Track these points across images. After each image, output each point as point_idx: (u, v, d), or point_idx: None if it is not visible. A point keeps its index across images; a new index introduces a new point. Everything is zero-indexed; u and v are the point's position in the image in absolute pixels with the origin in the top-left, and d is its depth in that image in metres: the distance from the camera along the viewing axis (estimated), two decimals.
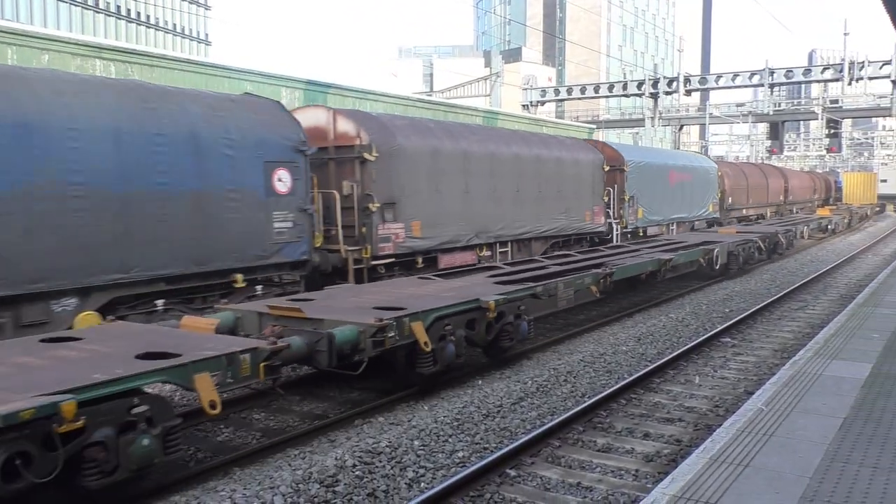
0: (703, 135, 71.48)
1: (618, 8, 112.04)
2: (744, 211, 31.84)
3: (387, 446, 6.69)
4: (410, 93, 39.36)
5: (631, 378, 8.89)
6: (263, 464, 6.63)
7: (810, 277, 18.68)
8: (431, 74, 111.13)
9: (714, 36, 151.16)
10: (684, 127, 63.56)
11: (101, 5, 78.42)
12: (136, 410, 5.27)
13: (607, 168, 19.31)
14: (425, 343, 7.87)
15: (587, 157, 18.68)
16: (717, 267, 17.75)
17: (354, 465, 6.25)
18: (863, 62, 44.09)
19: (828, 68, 47.77)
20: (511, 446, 6.56)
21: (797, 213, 41.30)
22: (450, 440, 7.00)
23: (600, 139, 29.83)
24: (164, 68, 17.40)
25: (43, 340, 6.72)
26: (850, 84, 45.91)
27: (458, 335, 8.54)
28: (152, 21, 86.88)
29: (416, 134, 13.57)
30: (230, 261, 10.11)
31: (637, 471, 6.34)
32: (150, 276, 9.23)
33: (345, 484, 5.93)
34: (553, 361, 10.25)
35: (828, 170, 73.04)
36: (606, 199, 19.29)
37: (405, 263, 13.09)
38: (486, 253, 14.97)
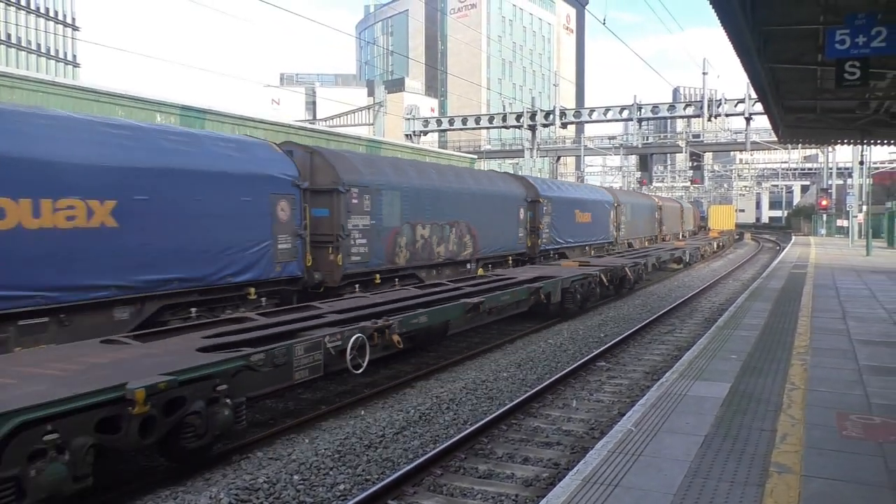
0: (578, 165, 74.46)
1: (496, 43, 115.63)
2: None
3: (265, 482, 6.52)
4: (293, 120, 38.93)
5: (511, 404, 9.08)
6: None
7: (678, 302, 19.73)
8: (314, 102, 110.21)
9: (587, 72, 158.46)
10: (561, 158, 66.14)
11: None
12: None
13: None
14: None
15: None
16: (687, 260, 32.06)
17: None
18: (720, 100, 47.49)
19: (690, 105, 51.11)
20: (393, 476, 6.54)
21: (671, 238, 44.61)
22: (331, 473, 6.91)
23: (483, 168, 31.43)
24: (26, 90, 16.43)
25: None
26: (709, 120, 49.36)
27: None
28: (14, 40, 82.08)
29: (669, 202, 44.21)
30: None
31: (517, 496, 6.45)
32: None
33: None
34: (436, 389, 10.33)
35: (692, 200, 77.75)
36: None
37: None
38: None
